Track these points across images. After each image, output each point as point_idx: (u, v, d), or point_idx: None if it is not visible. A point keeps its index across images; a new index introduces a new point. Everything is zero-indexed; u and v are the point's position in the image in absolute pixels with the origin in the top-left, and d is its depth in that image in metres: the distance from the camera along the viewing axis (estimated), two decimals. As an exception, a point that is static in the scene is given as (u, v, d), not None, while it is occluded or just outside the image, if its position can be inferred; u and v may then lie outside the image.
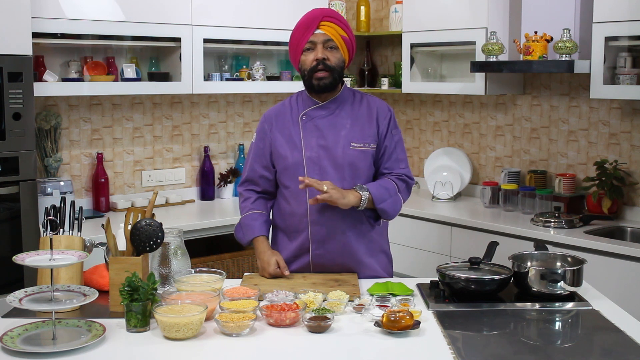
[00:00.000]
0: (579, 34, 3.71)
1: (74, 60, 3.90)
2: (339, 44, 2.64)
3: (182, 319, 1.99)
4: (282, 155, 2.70)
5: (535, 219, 3.78)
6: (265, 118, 2.78)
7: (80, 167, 4.05)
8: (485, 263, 2.49)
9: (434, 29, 4.34)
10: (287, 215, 2.74)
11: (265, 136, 2.75)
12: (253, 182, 2.79)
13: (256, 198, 2.78)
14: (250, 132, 4.70)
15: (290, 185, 2.70)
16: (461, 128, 4.69)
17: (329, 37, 2.62)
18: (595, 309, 2.31)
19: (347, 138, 2.67)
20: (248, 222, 2.74)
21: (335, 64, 2.64)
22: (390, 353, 1.96)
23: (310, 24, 2.63)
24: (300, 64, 2.68)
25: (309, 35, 2.63)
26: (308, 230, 2.68)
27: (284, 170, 2.71)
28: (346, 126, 2.69)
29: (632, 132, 3.89)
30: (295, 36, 2.67)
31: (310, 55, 2.64)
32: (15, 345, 1.92)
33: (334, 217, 2.66)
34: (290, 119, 2.72)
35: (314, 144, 2.67)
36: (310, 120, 2.70)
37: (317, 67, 2.62)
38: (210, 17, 4.03)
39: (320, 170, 2.66)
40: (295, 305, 2.16)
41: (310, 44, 2.63)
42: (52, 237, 2.23)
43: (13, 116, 3.18)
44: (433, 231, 4.06)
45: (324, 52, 2.62)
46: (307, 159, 2.66)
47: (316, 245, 2.68)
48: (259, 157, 2.76)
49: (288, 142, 2.70)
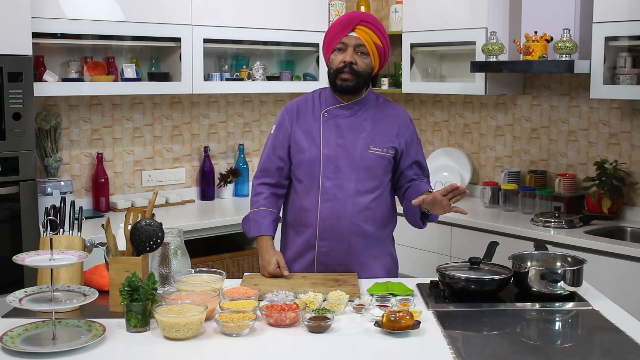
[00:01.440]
0: (579, 34, 3.71)
1: (74, 60, 3.90)
2: (371, 50, 2.64)
3: (182, 319, 1.99)
4: (299, 149, 2.71)
5: (535, 219, 3.78)
6: (287, 110, 2.78)
7: (80, 167, 4.05)
8: (485, 263, 2.49)
9: (434, 29, 4.34)
10: (297, 210, 2.75)
11: (285, 128, 2.76)
12: (268, 173, 2.78)
13: (268, 194, 2.77)
14: (250, 132, 4.70)
15: (303, 180, 2.71)
16: (461, 128, 4.69)
17: (361, 41, 2.62)
18: (595, 309, 2.31)
19: (366, 141, 2.68)
20: (257, 218, 2.74)
21: (363, 69, 2.64)
22: (390, 353, 1.96)
23: (346, 25, 2.63)
24: (329, 62, 2.69)
25: (342, 36, 2.63)
26: (316, 226, 2.69)
27: (300, 164, 2.72)
28: (366, 129, 2.69)
29: (632, 132, 3.89)
30: (330, 34, 2.68)
31: (340, 56, 2.65)
32: (15, 345, 1.92)
33: (344, 215, 2.67)
34: (311, 113, 2.73)
35: (332, 142, 2.68)
36: (331, 118, 2.71)
37: (344, 69, 2.63)
38: (210, 17, 4.03)
39: (335, 169, 2.67)
40: (295, 305, 2.16)
41: (342, 44, 2.64)
42: (52, 237, 2.23)
43: (13, 116, 3.18)
44: (433, 231, 4.06)
45: (353, 56, 2.63)
46: (324, 157, 2.68)
47: (322, 243, 2.70)
48: (276, 147, 2.76)
49: (307, 136, 2.71)
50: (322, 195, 2.67)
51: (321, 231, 2.69)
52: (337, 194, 2.67)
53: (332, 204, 2.67)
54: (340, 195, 2.67)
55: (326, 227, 2.69)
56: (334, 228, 2.68)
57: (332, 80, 2.69)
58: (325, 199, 2.68)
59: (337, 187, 2.67)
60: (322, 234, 2.70)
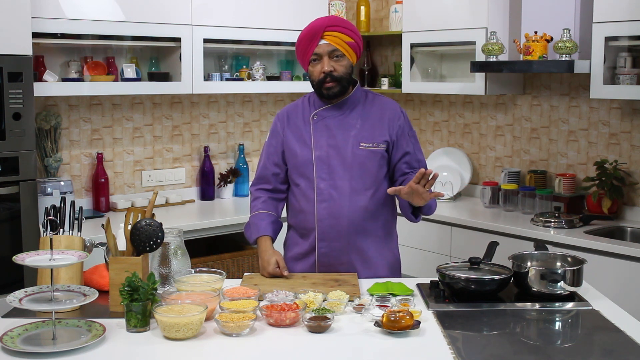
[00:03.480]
0: (579, 34, 3.71)
1: (74, 60, 3.90)
2: (345, 51, 2.64)
3: (182, 319, 1.99)
4: (292, 153, 2.73)
5: (535, 219, 3.78)
6: (278, 117, 2.82)
7: (80, 167, 4.05)
8: (485, 263, 2.49)
9: (434, 29, 4.34)
10: (297, 213, 2.77)
11: (277, 134, 2.79)
12: (264, 180, 2.81)
13: (266, 198, 2.80)
14: (250, 132, 4.70)
15: (299, 183, 2.74)
16: (461, 128, 4.69)
17: (333, 47, 2.62)
18: (595, 309, 2.31)
19: (356, 138, 2.69)
20: (255, 221, 2.76)
21: (343, 72, 2.65)
22: (390, 353, 1.96)
23: (314, 35, 2.63)
24: (309, 74, 2.70)
25: (313, 47, 2.63)
26: (315, 228, 2.70)
27: (294, 168, 2.74)
28: (356, 126, 2.70)
29: (632, 132, 3.89)
30: (300, 47, 2.68)
31: (317, 67, 2.65)
32: (15, 345, 1.92)
33: (341, 214, 2.67)
34: (301, 118, 2.75)
35: (323, 143, 2.70)
36: (321, 120, 2.72)
37: (325, 79, 2.63)
38: (210, 17, 4.03)
39: (329, 170, 2.68)
40: (295, 305, 2.16)
41: (315, 55, 2.64)
42: (52, 237, 2.23)
43: (13, 116, 3.18)
44: (433, 231, 4.06)
45: (329, 64, 2.62)
46: (316, 158, 2.69)
47: (322, 244, 2.71)
48: (271, 155, 2.79)
49: (299, 140, 2.73)
50: (318, 196, 2.69)
51: (320, 232, 2.70)
52: (332, 194, 2.68)
53: (328, 204, 2.68)
54: (336, 194, 2.68)
55: (325, 227, 2.69)
56: (332, 228, 2.69)
57: (318, 92, 2.71)
58: (322, 199, 2.69)
59: (332, 187, 2.68)
60: (321, 235, 2.70)
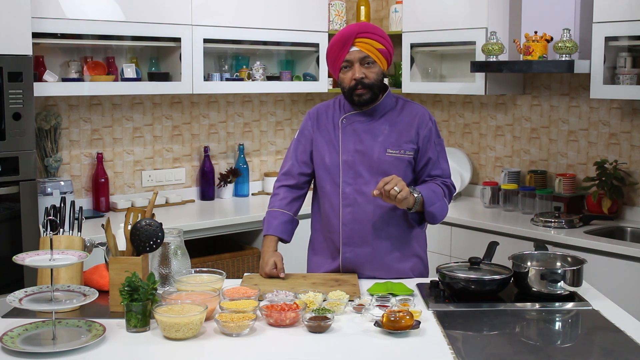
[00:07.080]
0: (579, 34, 3.71)
1: (74, 60, 3.90)
2: (376, 58, 2.62)
3: (182, 319, 1.99)
4: (320, 155, 2.73)
5: (535, 219, 3.78)
6: (309, 115, 2.81)
7: (80, 167, 4.05)
8: (485, 263, 2.49)
9: (434, 29, 4.34)
10: (322, 216, 2.77)
11: (307, 133, 2.78)
12: (289, 175, 2.79)
13: (284, 196, 2.78)
14: (250, 132, 4.70)
15: (325, 186, 2.73)
16: (461, 128, 4.69)
17: (365, 53, 2.60)
18: (595, 309, 2.31)
19: (383, 144, 2.67)
20: (269, 218, 2.76)
21: (374, 79, 2.63)
22: (390, 353, 1.96)
23: (345, 42, 2.61)
24: (340, 81, 2.68)
25: (344, 54, 2.62)
26: (340, 232, 2.69)
27: (321, 170, 2.74)
28: (384, 132, 2.68)
29: (632, 132, 3.89)
30: (331, 54, 2.67)
31: (348, 74, 2.63)
32: (15, 345, 1.92)
33: (366, 219, 2.66)
34: (331, 120, 2.74)
35: (351, 147, 2.69)
36: (349, 124, 2.71)
37: (356, 86, 2.62)
38: (210, 17, 4.03)
39: (354, 174, 2.67)
40: (295, 305, 2.16)
41: (346, 62, 2.62)
42: (52, 237, 2.23)
43: (13, 116, 3.18)
44: (433, 231, 4.06)
45: (361, 71, 2.61)
46: (343, 162, 2.68)
47: (346, 248, 2.69)
48: (299, 152, 2.79)
49: (327, 142, 2.72)
50: (343, 200, 2.68)
51: (344, 237, 2.69)
52: (357, 199, 2.67)
53: (353, 208, 2.67)
54: (361, 200, 2.66)
55: (349, 232, 2.68)
56: (357, 232, 2.67)
57: (349, 98, 2.68)
58: (347, 204, 2.68)
59: (357, 192, 2.67)
60: (345, 240, 2.69)
